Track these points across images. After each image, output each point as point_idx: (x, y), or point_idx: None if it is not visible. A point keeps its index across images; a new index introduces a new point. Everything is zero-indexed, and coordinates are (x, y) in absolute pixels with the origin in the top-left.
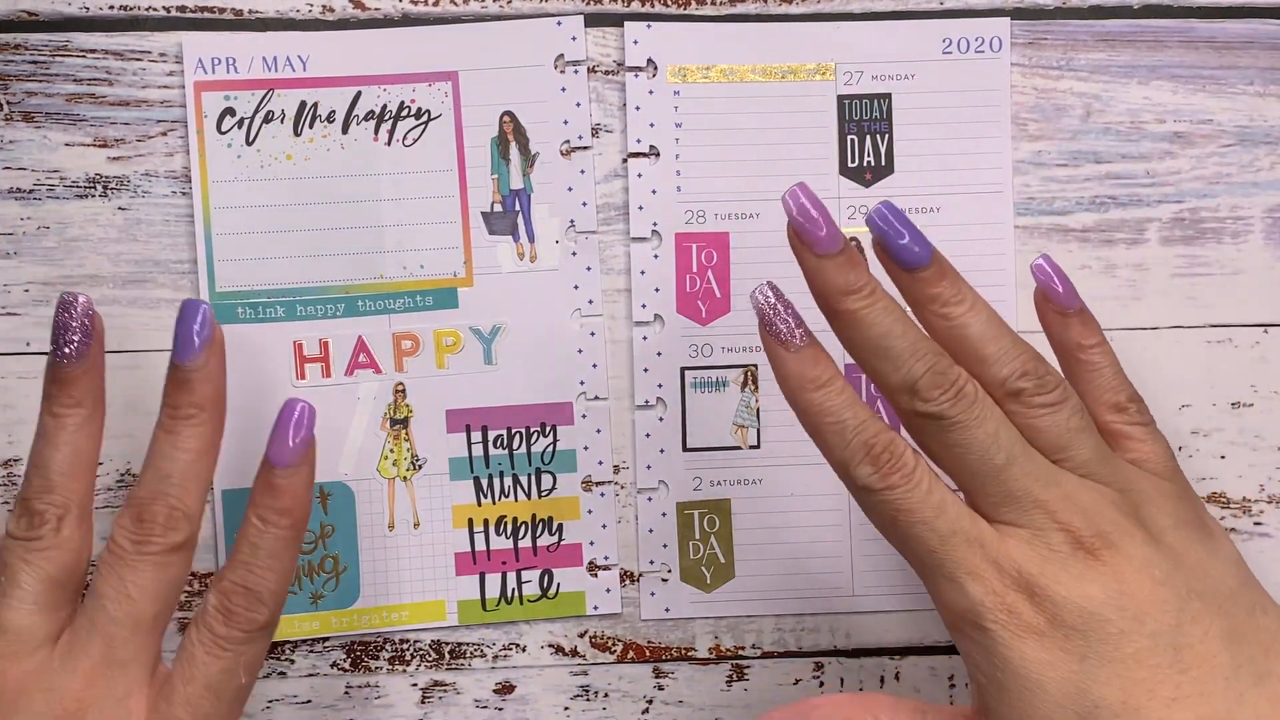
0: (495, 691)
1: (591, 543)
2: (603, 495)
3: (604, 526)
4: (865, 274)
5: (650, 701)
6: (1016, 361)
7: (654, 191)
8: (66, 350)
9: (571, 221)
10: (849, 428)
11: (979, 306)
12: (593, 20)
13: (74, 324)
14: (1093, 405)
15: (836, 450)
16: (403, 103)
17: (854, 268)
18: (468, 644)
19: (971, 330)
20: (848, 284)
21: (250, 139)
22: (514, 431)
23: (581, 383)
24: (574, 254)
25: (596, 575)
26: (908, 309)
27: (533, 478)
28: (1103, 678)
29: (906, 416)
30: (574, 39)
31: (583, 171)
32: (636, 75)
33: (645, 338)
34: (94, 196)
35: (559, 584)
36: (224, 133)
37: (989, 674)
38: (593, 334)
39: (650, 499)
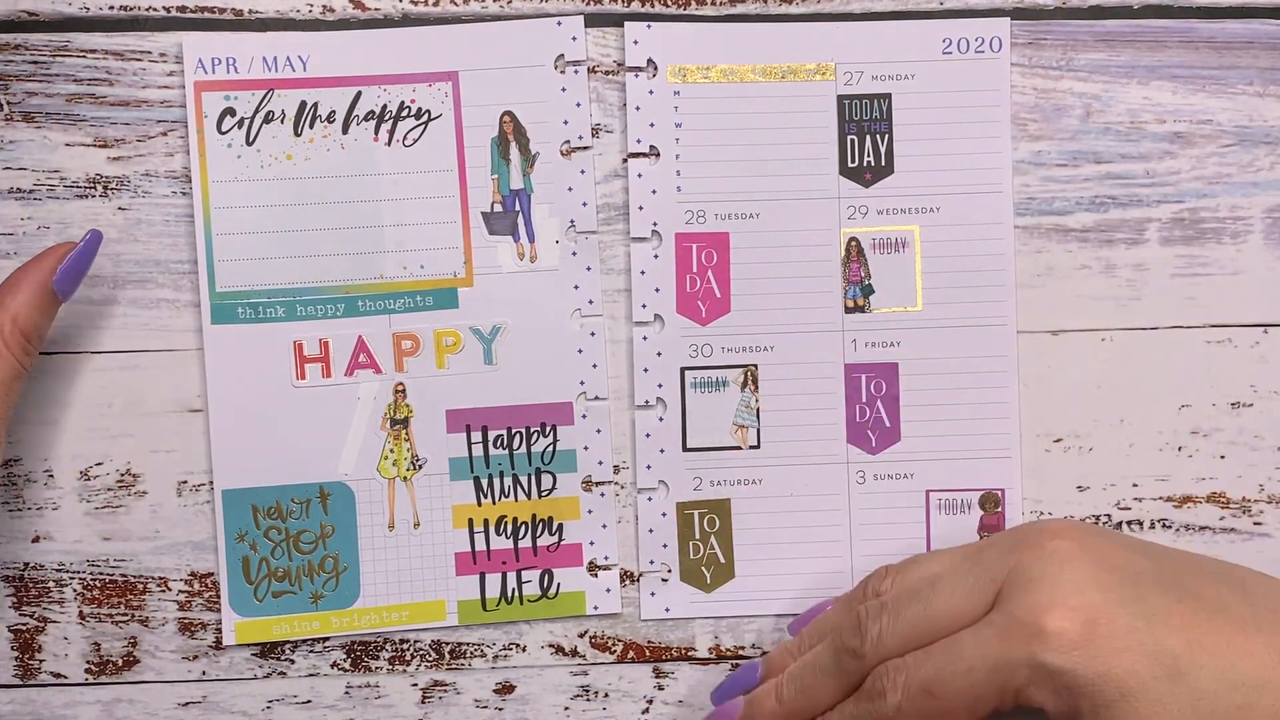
0: (495, 691)
1: (591, 543)
2: (603, 495)
3: (604, 526)
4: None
5: (650, 701)
6: None
7: (654, 191)
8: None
9: (571, 221)
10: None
11: None
12: (593, 20)
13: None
14: None
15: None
16: (403, 103)
17: None
18: (468, 644)
19: None
20: None
21: (250, 139)
22: (514, 431)
23: (581, 383)
24: (574, 254)
25: (596, 575)
26: None
27: (533, 478)
28: None
29: None
30: (574, 39)
31: (583, 171)
32: (636, 75)
33: (645, 338)
34: (94, 196)
35: (559, 584)
36: (224, 133)
37: None
38: (593, 334)
39: (650, 499)
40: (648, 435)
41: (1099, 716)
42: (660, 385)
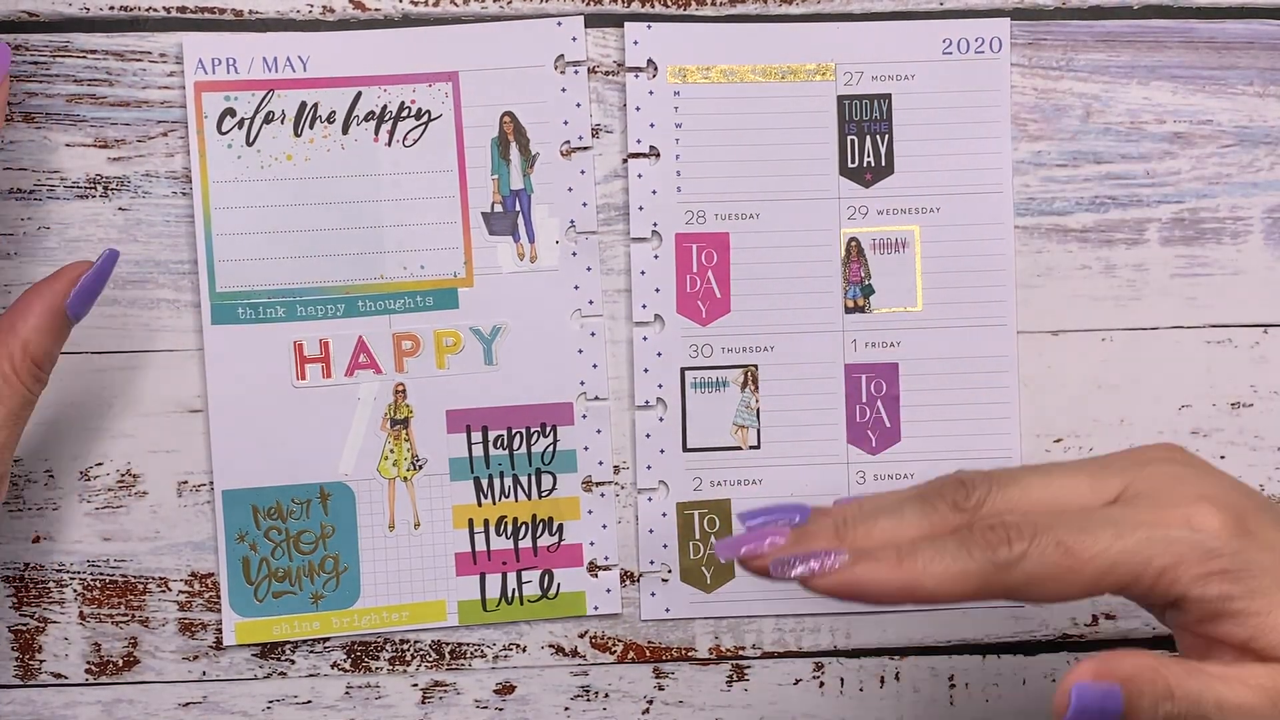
0: (495, 692)
1: (591, 543)
2: (603, 495)
3: (604, 527)
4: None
5: (650, 701)
6: None
7: (654, 192)
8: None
9: (571, 222)
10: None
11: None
12: (593, 20)
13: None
14: None
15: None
16: (403, 103)
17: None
18: (468, 644)
19: None
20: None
21: (250, 139)
22: (514, 432)
23: (581, 383)
24: (574, 254)
25: (596, 575)
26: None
27: (533, 478)
28: None
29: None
30: (574, 39)
31: (583, 172)
32: (636, 75)
33: (645, 338)
34: (94, 197)
35: (559, 584)
36: (224, 133)
37: None
38: (593, 334)
39: (650, 499)
40: (648, 435)
41: (1253, 603)
42: (660, 385)
